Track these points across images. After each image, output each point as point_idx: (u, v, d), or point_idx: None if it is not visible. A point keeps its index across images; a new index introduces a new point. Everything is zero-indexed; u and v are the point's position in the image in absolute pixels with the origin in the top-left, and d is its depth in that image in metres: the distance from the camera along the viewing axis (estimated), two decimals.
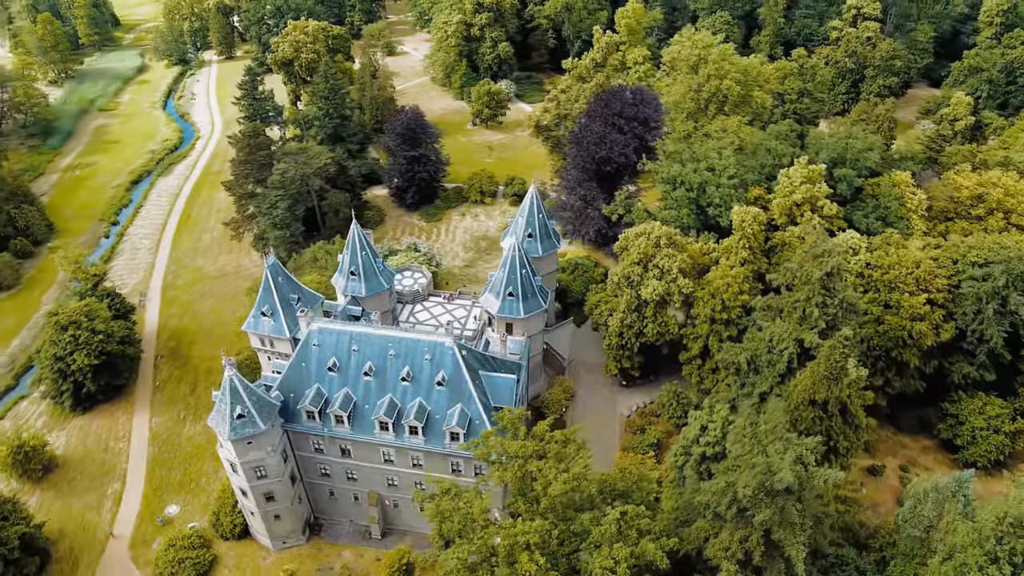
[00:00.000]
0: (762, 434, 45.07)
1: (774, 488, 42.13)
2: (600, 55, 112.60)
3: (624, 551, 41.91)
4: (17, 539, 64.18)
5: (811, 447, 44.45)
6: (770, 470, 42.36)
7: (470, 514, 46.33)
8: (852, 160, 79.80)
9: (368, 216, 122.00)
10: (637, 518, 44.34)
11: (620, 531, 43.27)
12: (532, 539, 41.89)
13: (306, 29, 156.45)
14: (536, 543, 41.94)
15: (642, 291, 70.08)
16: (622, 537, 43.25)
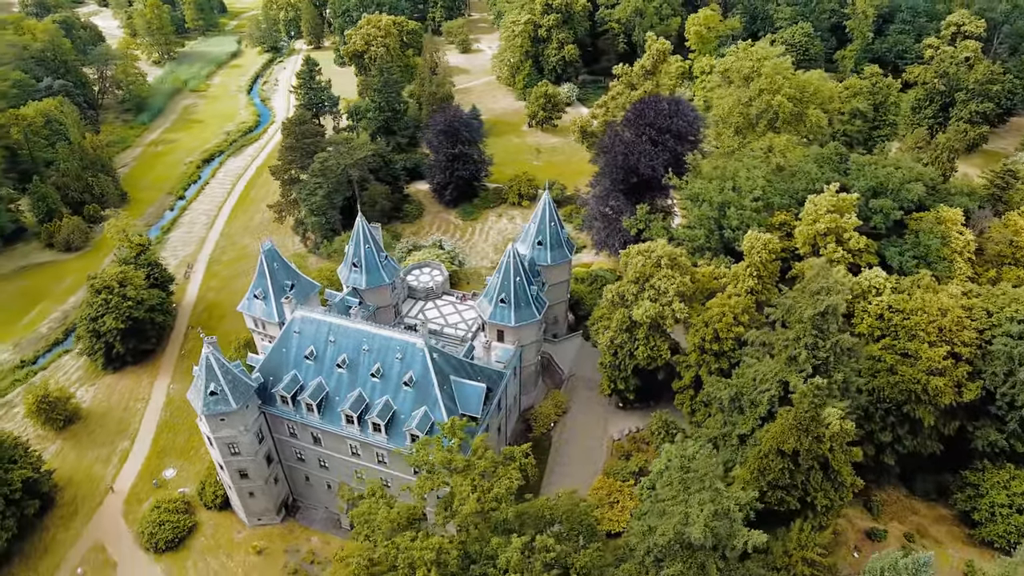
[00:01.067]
0: (689, 480, 41.61)
1: (689, 541, 38.84)
2: (650, 62, 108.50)
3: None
4: (20, 482, 69.35)
5: (742, 501, 40.60)
6: (688, 520, 39.06)
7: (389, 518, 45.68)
8: (893, 191, 72.69)
9: (407, 210, 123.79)
10: (544, 551, 42.07)
11: (525, 561, 41.25)
12: (427, 555, 40.68)
13: (378, 23, 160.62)
14: (431, 560, 40.70)
15: (633, 312, 66.78)
16: (527, 567, 41.21)
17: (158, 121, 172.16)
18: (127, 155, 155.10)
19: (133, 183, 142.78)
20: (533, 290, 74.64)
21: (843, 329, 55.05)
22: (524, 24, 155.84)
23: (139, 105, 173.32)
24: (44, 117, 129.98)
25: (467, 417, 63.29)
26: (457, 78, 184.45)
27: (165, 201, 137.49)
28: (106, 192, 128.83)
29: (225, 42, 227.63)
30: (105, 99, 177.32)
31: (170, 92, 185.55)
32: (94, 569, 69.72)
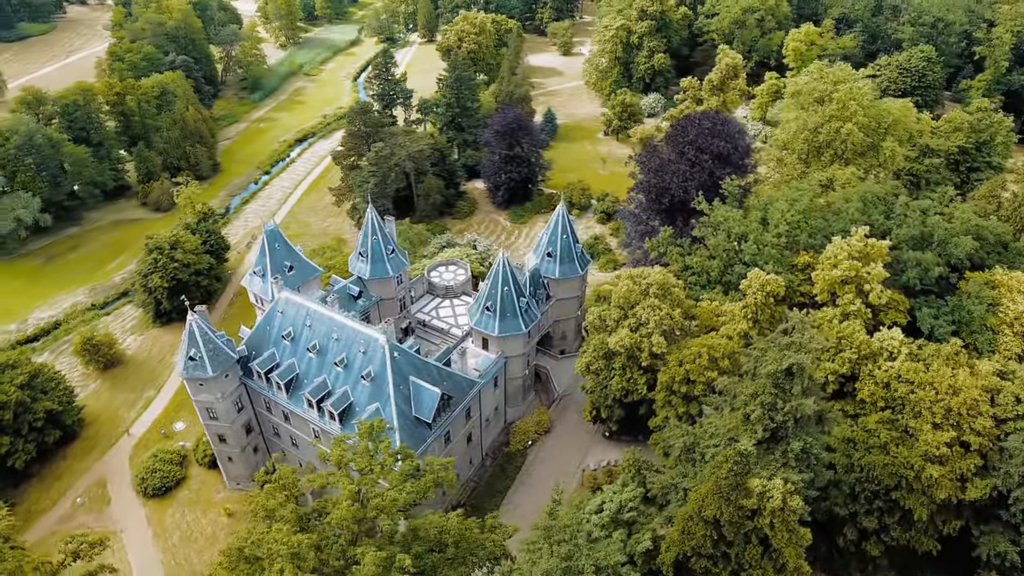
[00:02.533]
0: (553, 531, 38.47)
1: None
2: (718, 77, 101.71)
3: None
4: (44, 413, 77.29)
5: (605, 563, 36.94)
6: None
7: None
8: (939, 243, 63.23)
9: (459, 207, 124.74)
10: (400, 571, 40.59)
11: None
12: (282, 551, 40.67)
13: (474, 20, 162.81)
14: (285, 555, 40.66)
15: (609, 339, 62.98)
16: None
17: (268, 100, 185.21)
18: (232, 129, 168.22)
19: (230, 155, 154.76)
20: (523, 302, 72.53)
21: (810, 392, 48.52)
22: (616, 29, 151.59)
23: (254, 84, 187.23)
24: (160, 88, 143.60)
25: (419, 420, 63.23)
26: (550, 80, 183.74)
27: (252, 175, 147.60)
28: (200, 161, 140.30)
29: (346, 31, 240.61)
30: (228, 77, 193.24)
31: (285, 74, 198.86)
32: (92, 501, 76.43)
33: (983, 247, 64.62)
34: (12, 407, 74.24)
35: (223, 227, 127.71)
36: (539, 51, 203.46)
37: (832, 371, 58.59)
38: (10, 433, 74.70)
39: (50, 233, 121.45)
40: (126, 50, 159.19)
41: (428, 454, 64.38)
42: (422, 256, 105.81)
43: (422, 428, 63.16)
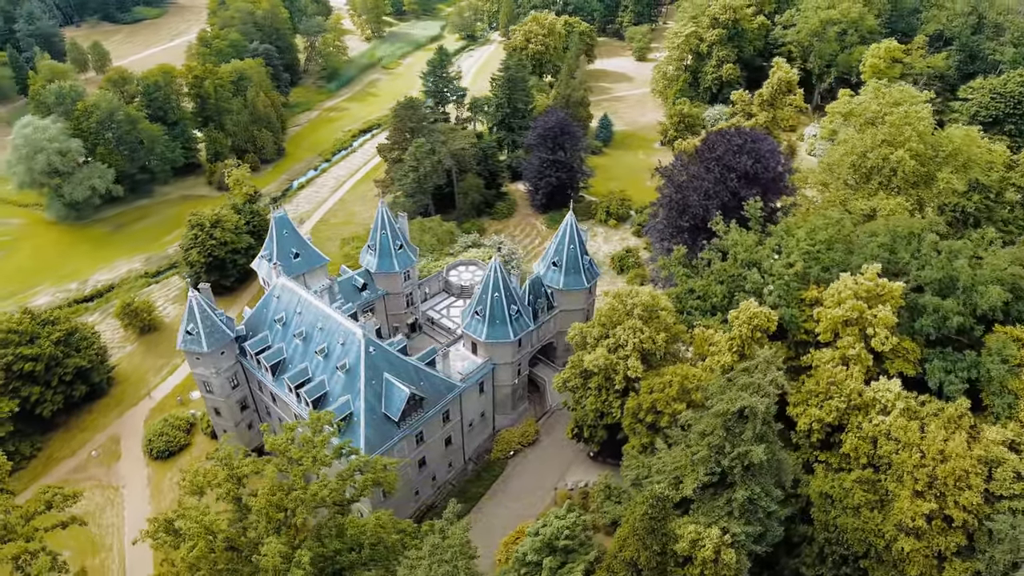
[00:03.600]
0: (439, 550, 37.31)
1: None
2: (768, 91, 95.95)
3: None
4: (74, 369, 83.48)
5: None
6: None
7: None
8: (965, 290, 56.71)
9: (498, 207, 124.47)
10: (297, 566, 40.67)
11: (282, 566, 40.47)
12: (196, 529, 41.96)
13: (543, 21, 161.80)
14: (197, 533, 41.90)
15: (586, 358, 60.74)
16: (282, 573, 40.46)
17: (343, 91, 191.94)
18: (304, 116, 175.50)
19: (297, 141, 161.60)
20: (514, 309, 71.29)
21: (765, 438, 44.68)
22: (686, 36, 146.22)
23: (332, 74, 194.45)
24: (237, 74, 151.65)
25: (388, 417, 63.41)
26: (618, 85, 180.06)
27: (313, 161, 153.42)
28: (265, 145, 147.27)
29: (430, 27, 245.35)
30: (310, 66, 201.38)
31: (363, 66, 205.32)
32: (104, 455, 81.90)
33: (1019, 300, 57.34)
34: (45, 360, 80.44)
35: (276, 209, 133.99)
36: (614, 55, 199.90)
37: (817, 418, 53.94)
38: (41, 384, 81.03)
39: (122, 203, 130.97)
40: (214, 36, 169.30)
41: (395, 452, 64.76)
42: (447, 254, 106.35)
43: (390, 425, 63.34)
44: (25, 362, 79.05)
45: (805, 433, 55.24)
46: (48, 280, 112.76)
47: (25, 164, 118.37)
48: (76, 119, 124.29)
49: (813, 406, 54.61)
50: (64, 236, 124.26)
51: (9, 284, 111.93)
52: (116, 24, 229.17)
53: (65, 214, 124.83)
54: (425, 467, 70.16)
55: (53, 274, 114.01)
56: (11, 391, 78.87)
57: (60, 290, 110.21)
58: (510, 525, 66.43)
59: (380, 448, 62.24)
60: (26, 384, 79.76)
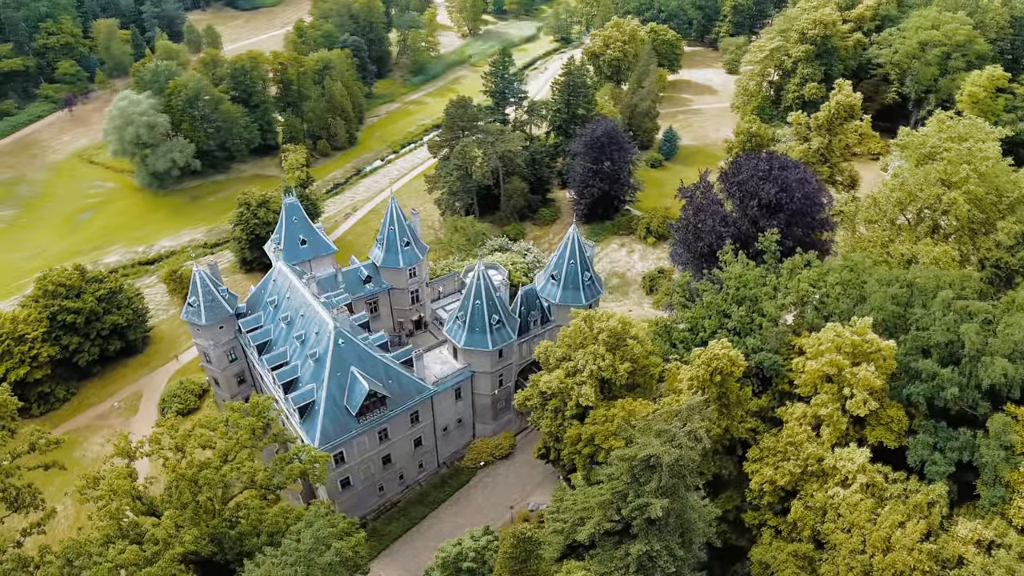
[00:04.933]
0: None
1: None
2: (825, 115, 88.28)
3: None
4: (111, 325, 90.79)
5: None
6: None
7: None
8: (970, 359, 49.42)
9: (541, 213, 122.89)
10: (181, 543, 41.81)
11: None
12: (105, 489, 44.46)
13: (623, 27, 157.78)
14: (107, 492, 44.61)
15: (542, 378, 58.53)
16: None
17: (427, 85, 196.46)
18: (384, 108, 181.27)
19: (372, 131, 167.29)
20: (495, 319, 69.96)
21: (670, 491, 40.94)
22: (771, 51, 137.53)
23: (419, 69, 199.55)
24: (322, 64, 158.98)
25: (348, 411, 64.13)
26: (700, 97, 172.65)
27: (382, 152, 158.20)
28: (337, 133, 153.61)
29: (526, 27, 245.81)
30: (402, 59, 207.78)
31: (451, 63, 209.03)
32: (125, 408, 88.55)
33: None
34: (85, 314, 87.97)
35: (335, 196, 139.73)
36: (704, 66, 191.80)
37: (770, 479, 49.02)
38: (80, 335, 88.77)
39: (199, 176, 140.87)
40: (309, 27, 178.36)
41: (355, 445, 65.46)
42: (475, 255, 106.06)
43: (350, 419, 64.00)
44: (68, 314, 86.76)
45: (758, 493, 50.33)
46: (122, 241, 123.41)
47: (118, 134, 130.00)
48: (167, 96, 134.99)
49: (768, 465, 49.68)
50: (145, 202, 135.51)
51: (91, 241, 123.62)
52: (238, 11, 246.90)
53: (149, 182, 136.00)
54: (391, 464, 70.40)
55: (127, 236, 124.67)
56: (53, 338, 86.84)
57: (128, 251, 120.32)
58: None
59: (336, 439, 63.13)
60: (67, 334, 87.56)
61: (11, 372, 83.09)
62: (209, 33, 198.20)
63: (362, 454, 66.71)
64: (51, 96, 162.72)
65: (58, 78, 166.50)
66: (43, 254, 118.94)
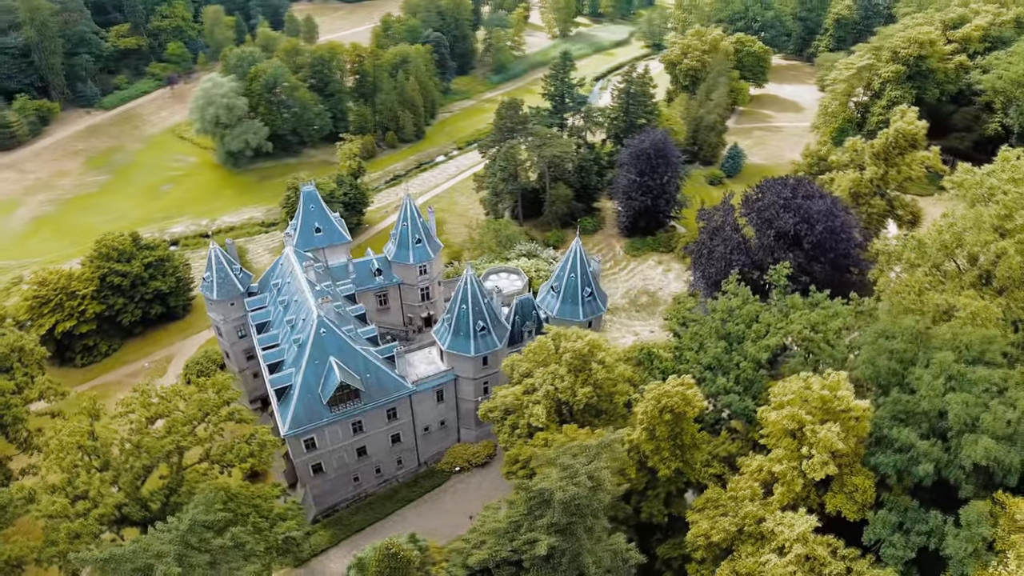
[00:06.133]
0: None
1: None
2: (881, 144, 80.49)
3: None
4: (154, 291, 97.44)
5: None
6: None
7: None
8: (956, 433, 43.28)
9: (585, 223, 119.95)
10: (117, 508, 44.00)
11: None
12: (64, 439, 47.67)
13: (704, 36, 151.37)
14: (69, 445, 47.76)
15: (500, 392, 57.04)
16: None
17: (506, 84, 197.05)
18: (459, 104, 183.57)
19: (442, 127, 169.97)
20: (480, 325, 68.94)
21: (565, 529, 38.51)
22: (858, 69, 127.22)
23: (500, 68, 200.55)
24: (400, 57, 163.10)
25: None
26: (783, 114, 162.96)
27: (446, 148, 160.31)
28: (405, 126, 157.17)
29: (619, 31, 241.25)
30: (487, 57, 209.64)
31: (534, 63, 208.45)
32: (154, 369, 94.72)
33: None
34: (132, 278, 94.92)
35: (392, 187, 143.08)
36: (796, 81, 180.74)
37: (704, 533, 45.27)
38: (126, 297, 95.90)
39: (271, 158, 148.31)
40: (395, 21, 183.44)
41: (327, 433, 66.60)
42: (504, 258, 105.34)
43: (322, 407, 65.14)
44: (116, 276, 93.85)
45: (693, 547, 46.58)
46: (191, 213, 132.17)
47: (200, 113, 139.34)
48: (248, 81, 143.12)
49: (708, 518, 45.85)
50: (219, 178, 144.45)
51: (164, 210, 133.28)
52: (341, 2, 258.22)
53: (225, 160, 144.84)
54: (366, 457, 71.12)
55: (196, 208, 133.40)
56: (101, 297, 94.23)
57: (193, 223, 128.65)
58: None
59: (306, 425, 64.50)
60: (114, 294, 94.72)
61: (60, 324, 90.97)
62: (308, 23, 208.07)
63: (335, 443, 67.78)
64: (157, 74, 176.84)
65: (166, 58, 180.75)
66: (122, 218, 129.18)
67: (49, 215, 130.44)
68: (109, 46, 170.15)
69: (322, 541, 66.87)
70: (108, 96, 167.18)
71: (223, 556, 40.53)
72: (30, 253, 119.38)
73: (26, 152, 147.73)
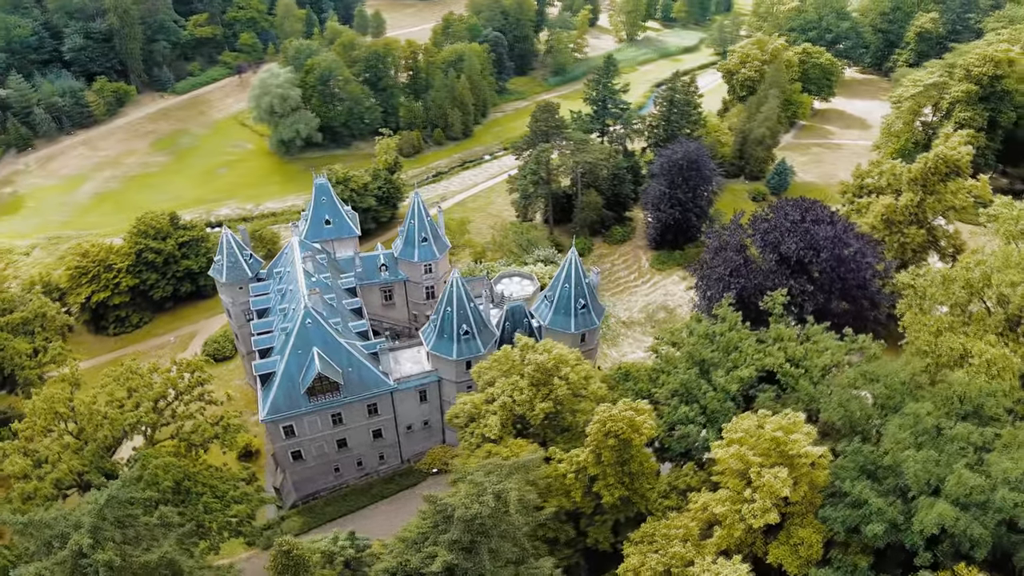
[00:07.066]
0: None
1: None
2: (920, 170, 74.44)
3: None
4: (184, 270, 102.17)
5: None
6: None
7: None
8: (916, 494, 39.22)
9: (614, 232, 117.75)
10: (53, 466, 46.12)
11: None
12: (41, 406, 50.53)
13: (764, 45, 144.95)
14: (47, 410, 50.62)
15: (462, 397, 56.28)
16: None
17: (563, 87, 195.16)
18: (512, 104, 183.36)
19: (491, 126, 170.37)
20: (464, 329, 68.30)
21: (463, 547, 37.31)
22: (926, 87, 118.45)
23: (560, 70, 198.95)
24: (456, 56, 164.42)
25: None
26: (847, 131, 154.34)
27: (492, 148, 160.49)
28: (453, 124, 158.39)
29: (688, 38, 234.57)
30: (548, 59, 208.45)
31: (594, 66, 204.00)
32: (178, 344, 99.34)
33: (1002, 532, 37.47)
34: (165, 256, 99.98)
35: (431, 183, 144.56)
36: (868, 96, 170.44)
37: (634, 568, 43.07)
38: (158, 273, 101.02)
39: (320, 148, 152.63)
40: (456, 20, 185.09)
41: (305, 423, 67.74)
42: (522, 262, 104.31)
43: (303, 396, 66.25)
44: (151, 253, 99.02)
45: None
46: (239, 197, 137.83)
47: (256, 102, 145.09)
48: (304, 73, 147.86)
49: (640, 553, 43.55)
50: (270, 165, 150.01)
51: (215, 193, 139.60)
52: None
53: (277, 147, 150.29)
54: (347, 449, 71.95)
55: (244, 193, 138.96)
56: (136, 272, 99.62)
57: (239, 207, 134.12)
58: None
59: (285, 412, 65.80)
60: (147, 270, 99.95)
61: (96, 294, 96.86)
62: (376, 19, 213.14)
63: (314, 432, 68.90)
64: (228, 63, 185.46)
65: (238, 47, 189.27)
66: (176, 198, 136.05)
67: (112, 191, 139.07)
68: (186, 34, 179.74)
69: (294, 527, 68.07)
70: (181, 81, 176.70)
71: (148, 533, 41.69)
72: (89, 226, 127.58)
73: (101, 131, 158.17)
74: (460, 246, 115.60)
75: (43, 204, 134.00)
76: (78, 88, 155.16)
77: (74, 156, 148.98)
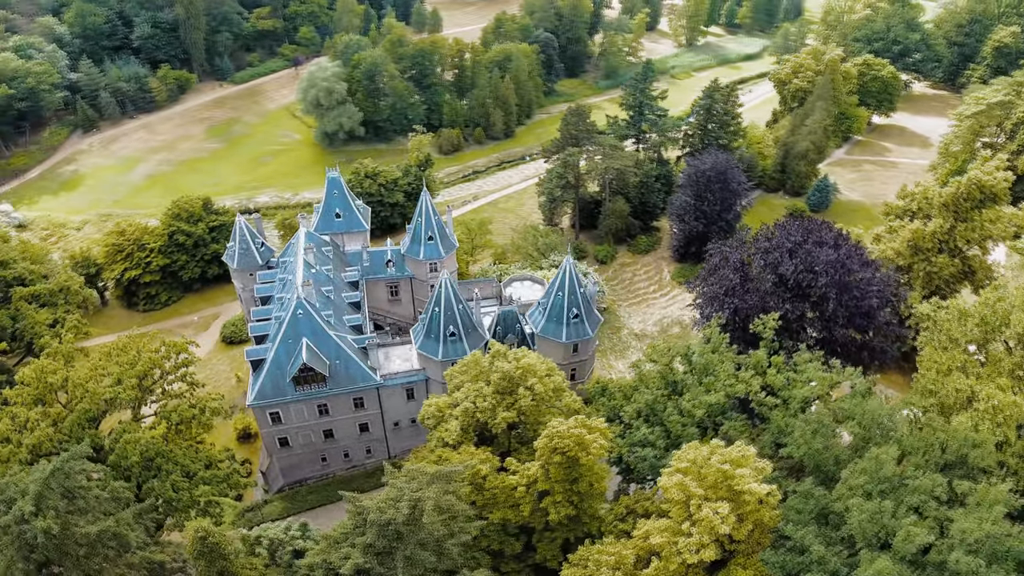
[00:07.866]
0: None
1: None
2: (951, 195, 69.32)
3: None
4: (212, 253, 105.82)
5: None
6: None
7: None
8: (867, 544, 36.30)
9: (637, 241, 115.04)
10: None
11: None
12: (28, 376, 53.29)
13: (818, 55, 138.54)
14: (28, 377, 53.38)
15: (428, 399, 55.99)
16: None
17: (612, 91, 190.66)
18: (558, 106, 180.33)
19: (534, 127, 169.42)
20: (451, 331, 68.02)
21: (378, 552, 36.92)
22: (988, 106, 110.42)
23: (611, 73, 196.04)
24: (503, 55, 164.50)
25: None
26: (908, 149, 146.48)
27: (532, 149, 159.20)
28: (495, 124, 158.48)
29: (750, 44, 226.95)
30: (601, 61, 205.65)
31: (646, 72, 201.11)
32: (200, 324, 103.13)
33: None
34: (195, 239, 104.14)
35: (467, 182, 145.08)
36: (934, 113, 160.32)
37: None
38: (188, 255, 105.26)
39: (362, 142, 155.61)
40: (508, 19, 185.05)
41: (292, 411, 69.05)
42: (537, 266, 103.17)
43: (289, 385, 67.51)
44: (183, 235, 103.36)
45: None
46: (278, 186, 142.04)
47: (304, 94, 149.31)
48: (351, 68, 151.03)
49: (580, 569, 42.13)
50: (313, 156, 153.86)
51: (258, 180, 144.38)
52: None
53: (321, 139, 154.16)
54: (333, 440, 72.94)
55: (284, 182, 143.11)
56: (167, 252, 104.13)
57: (277, 195, 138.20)
58: None
59: (271, 399, 67.25)
60: (178, 251, 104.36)
61: (128, 271, 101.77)
62: (434, 16, 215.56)
63: (300, 421, 70.15)
64: (286, 55, 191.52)
65: (298, 40, 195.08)
66: (221, 184, 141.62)
67: (163, 174, 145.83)
68: (248, 26, 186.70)
69: (274, 512, 69.63)
70: (240, 72, 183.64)
71: (99, 506, 43.28)
72: (138, 205, 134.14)
73: (161, 116, 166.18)
74: (480, 247, 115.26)
75: (100, 183, 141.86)
76: (143, 74, 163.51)
77: (134, 139, 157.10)
